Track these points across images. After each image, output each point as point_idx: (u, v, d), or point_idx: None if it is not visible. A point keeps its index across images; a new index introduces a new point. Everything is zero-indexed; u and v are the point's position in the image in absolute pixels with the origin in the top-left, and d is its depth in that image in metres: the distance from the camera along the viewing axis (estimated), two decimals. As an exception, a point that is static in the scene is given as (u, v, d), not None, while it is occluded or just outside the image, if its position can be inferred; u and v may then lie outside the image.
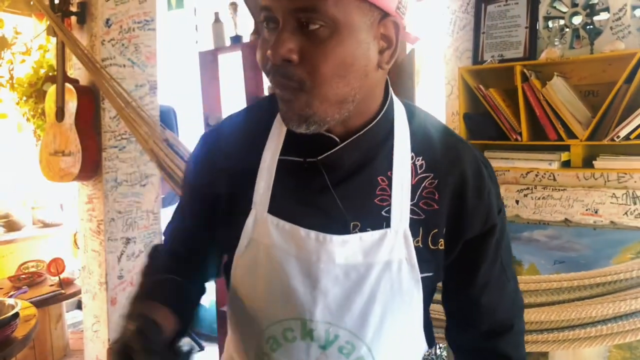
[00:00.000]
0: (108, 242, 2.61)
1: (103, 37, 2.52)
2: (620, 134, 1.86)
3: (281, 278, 0.77)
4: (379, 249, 0.76)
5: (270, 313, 0.80)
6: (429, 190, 0.78)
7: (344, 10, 0.65)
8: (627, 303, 1.49)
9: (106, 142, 2.57)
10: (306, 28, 0.66)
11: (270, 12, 0.68)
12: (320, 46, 0.66)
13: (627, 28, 2.01)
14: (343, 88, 0.69)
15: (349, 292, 0.76)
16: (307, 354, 0.79)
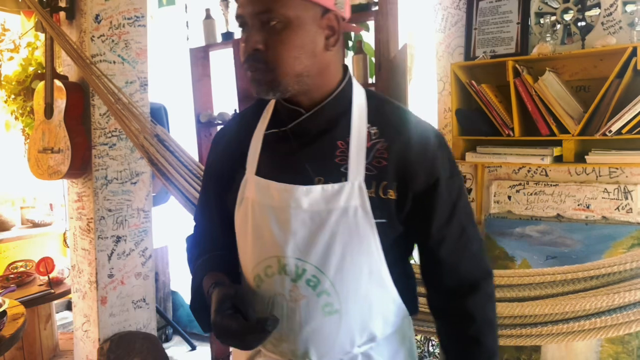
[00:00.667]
0: (98, 241, 2.58)
1: (93, 33, 2.49)
2: (612, 128, 1.87)
3: (262, 224, 0.98)
4: (338, 198, 0.94)
5: (256, 254, 0.99)
6: (380, 151, 0.97)
7: (292, 9, 0.89)
8: (621, 296, 1.50)
9: (96, 139, 2.54)
10: (267, 25, 0.89)
11: (242, 19, 0.93)
12: (278, 37, 0.89)
13: (618, 23, 2.02)
14: (297, 65, 0.91)
15: (313, 233, 0.94)
16: (282, 286, 0.97)
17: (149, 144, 2.19)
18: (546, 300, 1.63)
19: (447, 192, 0.98)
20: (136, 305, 2.76)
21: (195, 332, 3.76)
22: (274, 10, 0.88)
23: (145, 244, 2.78)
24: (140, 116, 2.30)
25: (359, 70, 2.38)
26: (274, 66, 0.90)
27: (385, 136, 0.97)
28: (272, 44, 0.90)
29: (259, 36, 0.90)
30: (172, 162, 2.16)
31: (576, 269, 1.61)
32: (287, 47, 0.90)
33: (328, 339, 0.98)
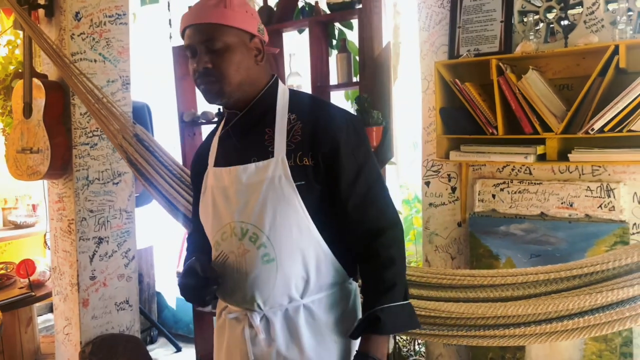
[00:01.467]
0: (79, 242, 2.54)
1: (72, 31, 2.45)
2: (595, 126, 1.87)
3: (218, 202, 1.28)
4: (267, 170, 1.22)
5: (215, 226, 1.30)
6: (297, 130, 1.24)
7: (229, 37, 1.20)
8: (604, 295, 1.49)
9: (77, 139, 2.50)
10: (212, 49, 1.19)
11: (191, 47, 1.22)
12: (221, 57, 1.20)
13: (600, 22, 2.02)
14: (237, 77, 1.22)
15: (249, 200, 1.23)
16: (232, 245, 1.26)
17: (128, 144, 2.15)
18: (529, 300, 1.62)
19: (352, 156, 1.23)
20: (119, 307, 2.72)
21: (181, 333, 3.72)
22: (217, 38, 1.19)
23: (128, 245, 2.74)
24: (120, 116, 2.27)
25: (342, 69, 2.37)
26: (220, 79, 1.20)
27: (301, 119, 1.25)
28: (218, 63, 1.19)
29: (207, 58, 1.19)
30: (152, 162, 2.12)
31: (559, 268, 1.61)
32: (228, 64, 1.20)
33: (268, 284, 1.23)
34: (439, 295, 1.83)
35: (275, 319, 1.24)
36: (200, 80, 1.20)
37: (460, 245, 2.42)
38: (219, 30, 1.18)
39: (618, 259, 1.53)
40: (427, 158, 2.46)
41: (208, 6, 1.19)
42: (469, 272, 1.85)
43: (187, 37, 1.21)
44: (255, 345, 1.25)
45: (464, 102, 2.15)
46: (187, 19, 1.22)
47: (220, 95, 1.21)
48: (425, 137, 2.46)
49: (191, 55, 1.22)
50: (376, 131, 2.13)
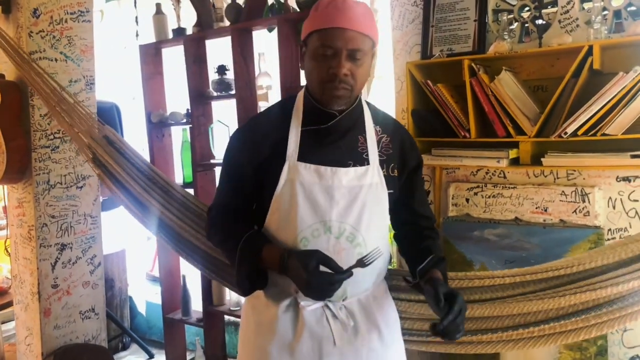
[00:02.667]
0: (40, 249, 2.44)
1: (30, 29, 2.34)
2: (568, 130, 1.81)
3: (311, 197, 1.29)
4: (366, 176, 1.32)
5: (302, 222, 1.29)
6: (386, 143, 1.39)
7: (369, 49, 1.26)
8: (567, 299, 1.46)
9: (36, 142, 2.40)
10: (354, 58, 1.23)
11: (334, 49, 1.22)
12: (360, 68, 1.25)
13: (575, 21, 1.96)
14: (362, 87, 1.31)
15: (351, 202, 1.30)
16: (327, 242, 1.29)
17: (97, 144, 2.04)
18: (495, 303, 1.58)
19: (420, 172, 1.48)
20: (84, 316, 2.62)
21: (154, 339, 3.63)
22: (362, 49, 1.23)
23: (93, 251, 2.64)
24: (87, 116, 2.16)
25: (312, 68, 2.29)
26: (353, 87, 1.26)
27: (387, 133, 1.39)
28: (356, 72, 1.24)
29: (348, 65, 1.22)
30: (122, 164, 2.02)
31: (525, 271, 1.57)
32: (363, 75, 1.27)
33: (360, 280, 1.33)
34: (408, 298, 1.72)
35: (353, 307, 1.36)
36: (333, 84, 1.23)
37: (434, 251, 2.35)
38: (365, 42, 1.23)
39: (582, 263, 1.50)
40: (401, 161, 2.39)
41: (359, 14, 1.22)
42: None
43: (332, 38, 1.20)
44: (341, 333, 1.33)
45: (436, 104, 2.09)
46: (337, 19, 1.20)
47: (345, 101, 1.29)
48: (398, 140, 2.39)
49: (328, 55, 1.22)
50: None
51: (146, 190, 2.05)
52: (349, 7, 1.21)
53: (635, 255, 1.47)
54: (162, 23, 2.71)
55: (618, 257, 1.49)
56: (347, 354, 1.33)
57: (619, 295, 1.44)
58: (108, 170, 2.08)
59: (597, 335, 1.53)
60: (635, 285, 1.42)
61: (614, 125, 1.74)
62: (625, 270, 1.46)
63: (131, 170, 2.07)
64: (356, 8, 1.21)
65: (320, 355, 1.32)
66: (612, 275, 1.47)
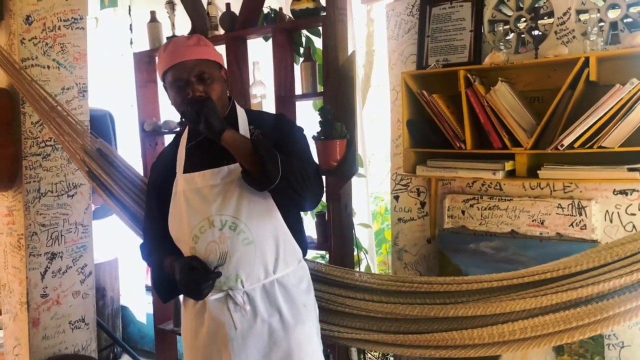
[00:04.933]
0: (30, 258, 2.40)
1: (23, 36, 2.32)
2: (564, 142, 1.78)
3: (192, 202, 1.50)
4: (238, 172, 1.46)
5: (191, 223, 1.50)
6: (257, 136, 1.54)
7: (212, 69, 1.51)
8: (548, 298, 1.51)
9: (27, 150, 2.37)
10: (202, 79, 1.49)
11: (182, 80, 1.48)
12: (210, 87, 1.49)
13: (571, 32, 1.95)
14: (220, 102, 1.51)
15: (227, 196, 1.48)
16: (213, 235, 1.48)
17: (91, 159, 2.01)
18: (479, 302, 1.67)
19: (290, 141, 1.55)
20: (74, 326, 2.58)
21: (146, 349, 3.58)
22: (205, 70, 1.48)
23: (84, 261, 2.60)
24: (79, 127, 2.12)
25: (306, 78, 2.27)
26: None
27: (259, 127, 1.57)
28: (208, 91, 1.48)
29: (200, 87, 1.47)
30: (115, 176, 1.99)
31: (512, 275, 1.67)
32: (215, 92, 1.49)
33: (249, 263, 1.48)
34: (397, 301, 1.83)
35: (255, 293, 1.50)
36: (193, 105, 1.43)
37: (429, 263, 2.32)
38: (206, 65, 1.48)
39: (568, 267, 1.53)
40: (396, 172, 2.37)
41: (191, 45, 1.49)
42: (427, 279, 1.85)
43: (177, 72, 1.46)
44: (241, 318, 1.49)
45: (432, 115, 2.06)
46: (173, 58, 1.47)
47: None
48: (393, 150, 2.37)
49: (181, 88, 1.47)
50: (339, 144, 2.02)
51: (137, 202, 2.01)
52: (182, 43, 1.49)
53: (620, 258, 1.50)
54: (157, 31, 2.69)
55: (604, 260, 1.52)
56: (248, 337, 1.49)
57: (600, 294, 1.48)
58: (100, 181, 2.05)
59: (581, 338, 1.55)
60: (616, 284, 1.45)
61: (610, 137, 1.72)
62: (607, 269, 1.50)
63: (124, 182, 2.04)
64: (189, 42, 1.49)
65: (224, 339, 1.49)
66: (593, 274, 1.51)
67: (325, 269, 1.94)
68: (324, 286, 1.91)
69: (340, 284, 1.91)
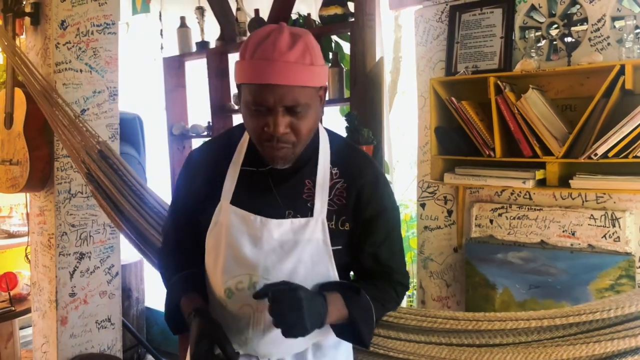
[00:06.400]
0: (59, 257, 2.45)
1: (58, 40, 2.38)
2: (598, 151, 1.74)
3: (236, 246, 1.15)
4: (305, 231, 1.13)
5: (228, 271, 1.16)
6: (340, 190, 1.17)
7: (311, 97, 1.06)
8: (602, 345, 1.34)
9: (59, 151, 2.42)
10: (293, 111, 1.04)
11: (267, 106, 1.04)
12: (301, 120, 1.06)
13: (606, 39, 1.90)
14: (310, 136, 1.11)
15: (281, 258, 1.13)
16: (250, 299, 1.12)
17: (90, 159, 2.03)
18: (518, 347, 1.44)
19: (386, 224, 1.20)
20: (100, 326, 2.62)
21: (170, 351, 3.61)
22: (301, 102, 1.03)
23: (111, 261, 2.65)
24: (86, 131, 2.15)
25: (334, 84, 2.27)
26: (297, 143, 1.08)
27: (345, 177, 1.17)
28: (297, 127, 1.06)
29: (287, 121, 1.05)
30: (114, 180, 2.01)
31: (553, 314, 1.44)
32: (307, 126, 1.07)
33: (285, 343, 1.14)
34: (418, 339, 1.63)
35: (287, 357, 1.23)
36: (271, 144, 1.06)
37: (456, 272, 2.29)
38: (304, 94, 1.03)
39: (620, 307, 1.36)
40: (423, 179, 2.34)
41: (292, 62, 1.00)
42: (452, 315, 1.64)
43: (261, 95, 1.02)
44: None
45: (460, 122, 2.04)
46: (262, 74, 1.01)
47: (290, 159, 1.11)
48: (420, 157, 2.35)
49: (260, 113, 1.05)
50: (366, 150, 2.01)
51: (137, 210, 2.01)
52: (281, 53, 1.00)
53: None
54: (186, 36, 2.74)
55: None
56: None
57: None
58: (100, 185, 2.06)
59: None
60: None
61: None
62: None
63: (123, 187, 2.03)
64: (290, 53, 1.00)
65: None
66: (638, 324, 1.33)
67: None
68: None
69: None
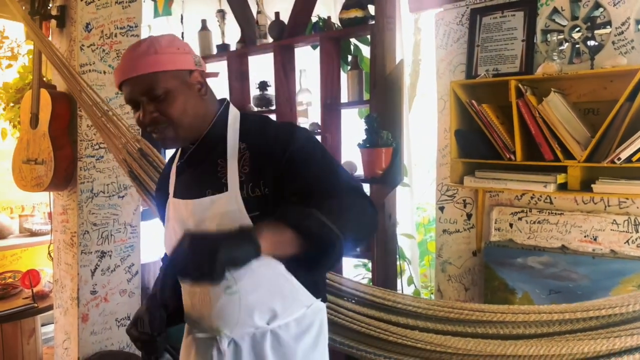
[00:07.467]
0: (81, 256, 2.49)
1: (82, 42, 2.42)
2: (621, 155, 1.72)
3: (177, 233, 1.25)
4: (221, 205, 1.19)
5: None
6: (246, 160, 1.21)
7: (167, 82, 1.15)
8: (622, 340, 1.34)
9: (82, 151, 2.46)
10: (154, 98, 1.15)
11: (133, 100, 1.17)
12: (165, 103, 1.15)
13: (630, 43, 1.88)
14: (186, 118, 1.18)
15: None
16: None
17: (132, 158, 2.09)
18: (541, 340, 1.48)
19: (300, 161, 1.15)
20: (120, 324, 2.65)
21: (187, 350, 3.64)
22: (155, 87, 1.14)
23: (131, 260, 2.68)
24: (126, 130, 2.21)
25: (353, 86, 2.27)
26: (171, 123, 1.17)
27: (249, 148, 1.22)
28: (164, 109, 1.15)
29: (152, 107, 1.15)
30: (153, 177, 2.06)
31: (574, 308, 1.47)
32: (174, 108, 1.16)
33: (232, 315, 1.22)
34: (445, 329, 1.72)
35: (243, 343, 1.25)
36: (151, 129, 1.18)
37: (474, 276, 2.27)
38: (155, 79, 1.14)
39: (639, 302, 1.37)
40: (442, 182, 2.34)
41: (137, 56, 1.15)
42: (479, 307, 1.73)
43: (126, 92, 1.17)
44: None
45: (481, 125, 2.03)
46: (120, 74, 1.17)
47: (176, 139, 1.21)
48: (440, 160, 2.34)
49: (134, 108, 1.19)
50: (385, 152, 2.01)
51: None
52: (128, 55, 1.17)
53: None
54: (207, 39, 2.77)
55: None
56: None
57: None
58: (141, 182, 2.11)
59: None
60: None
61: (672, 152, 1.65)
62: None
63: None
64: (135, 51, 1.16)
65: None
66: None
67: (365, 289, 1.85)
68: (363, 308, 1.81)
69: (382, 306, 1.79)
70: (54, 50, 2.25)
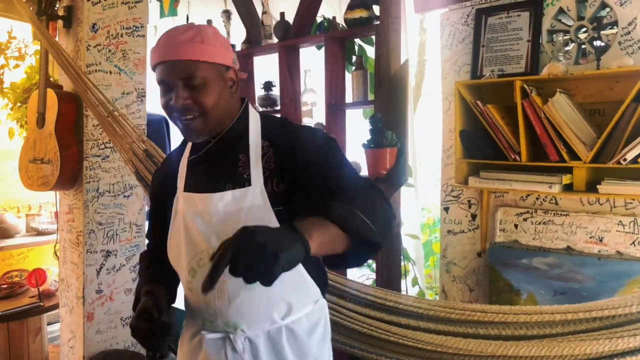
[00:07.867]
0: (87, 255, 2.50)
1: (88, 42, 2.44)
2: (627, 156, 1.71)
3: (192, 228, 1.23)
4: (245, 199, 1.20)
5: (189, 252, 1.24)
6: (270, 157, 1.23)
7: (207, 72, 1.16)
8: (625, 340, 1.34)
9: (88, 151, 2.48)
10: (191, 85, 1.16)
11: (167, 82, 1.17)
12: (200, 93, 1.16)
13: (636, 43, 1.87)
14: (216, 112, 1.20)
15: (230, 228, 1.06)
16: None
17: (138, 159, 2.10)
18: (543, 341, 1.47)
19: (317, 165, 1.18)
20: (125, 323, 2.66)
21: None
22: (195, 75, 1.15)
23: (136, 259, 2.69)
24: (132, 130, 2.22)
25: (357, 87, 2.27)
26: (202, 114, 1.18)
27: (273, 146, 1.24)
28: (197, 98, 1.16)
29: (186, 94, 1.16)
30: None
31: (577, 308, 1.47)
32: (208, 100, 1.17)
33: (252, 310, 1.22)
34: (447, 330, 1.72)
35: (259, 340, 1.25)
36: (178, 115, 1.18)
37: (479, 277, 2.27)
38: (197, 67, 1.15)
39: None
40: (447, 182, 2.33)
41: (183, 41, 1.15)
42: (480, 307, 1.72)
43: (162, 73, 1.17)
44: None
45: (486, 125, 2.02)
46: (160, 54, 1.16)
47: (202, 130, 1.21)
48: (445, 160, 2.34)
49: (166, 90, 1.18)
50: (390, 153, 2.01)
51: None
52: (172, 37, 1.16)
53: None
54: (213, 39, 2.77)
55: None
56: None
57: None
58: (147, 184, 2.12)
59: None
60: None
61: (678, 153, 1.64)
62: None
63: None
64: (181, 36, 1.15)
65: None
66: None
67: (367, 290, 1.85)
68: (365, 309, 1.81)
69: (383, 307, 1.80)
70: (61, 50, 2.27)
